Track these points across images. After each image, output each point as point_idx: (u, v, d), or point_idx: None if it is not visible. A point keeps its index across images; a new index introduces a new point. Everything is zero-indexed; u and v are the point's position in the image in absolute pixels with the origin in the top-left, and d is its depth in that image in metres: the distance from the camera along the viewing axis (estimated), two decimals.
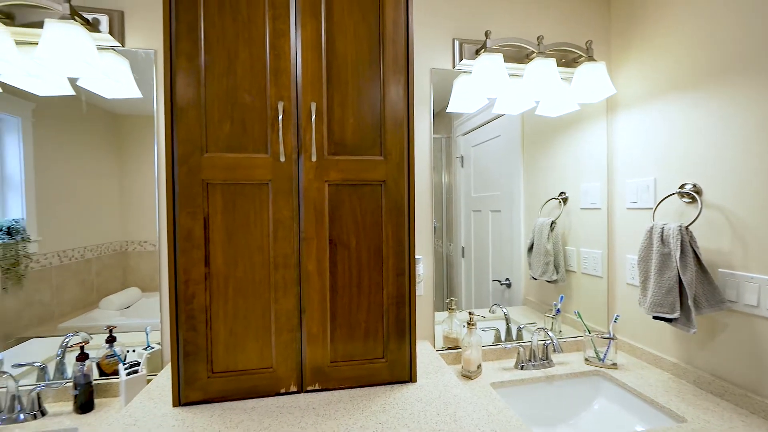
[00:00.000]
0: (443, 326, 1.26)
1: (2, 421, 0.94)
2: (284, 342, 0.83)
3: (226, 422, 0.74)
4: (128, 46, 1.09)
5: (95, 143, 1.10)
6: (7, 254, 1.05)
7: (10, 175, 1.06)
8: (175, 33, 0.79)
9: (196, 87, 0.79)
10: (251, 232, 0.81)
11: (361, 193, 0.86)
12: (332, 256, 0.85)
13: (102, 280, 1.12)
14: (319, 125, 0.84)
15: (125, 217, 1.12)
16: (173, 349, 0.79)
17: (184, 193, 0.78)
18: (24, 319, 1.07)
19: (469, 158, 1.31)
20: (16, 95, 1.05)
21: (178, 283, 0.78)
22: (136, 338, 1.12)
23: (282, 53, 0.82)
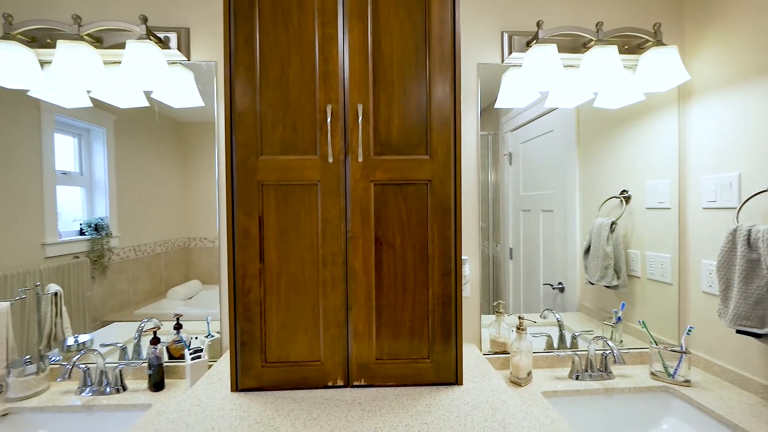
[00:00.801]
0: (490, 330, 1.22)
1: (93, 392, 1.08)
2: (332, 337, 0.86)
3: (279, 410, 0.78)
4: (193, 60, 1.19)
5: (163, 149, 1.22)
6: (94, 248, 1.21)
7: (97, 179, 1.21)
8: (234, 45, 0.85)
9: (252, 94, 0.85)
10: (302, 231, 0.85)
11: (406, 192, 0.86)
12: (378, 255, 0.86)
13: (169, 273, 1.23)
14: (365, 126, 0.85)
15: (188, 215, 1.23)
16: (231, 338, 0.85)
17: (241, 193, 0.84)
18: (107, 305, 1.22)
19: (518, 155, 1.25)
20: (103, 109, 1.20)
21: (236, 278, 0.84)
22: (198, 327, 1.22)
23: (330, 57, 0.85)
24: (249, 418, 0.76)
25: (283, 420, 0.75)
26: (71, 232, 1.21)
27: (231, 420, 0.75)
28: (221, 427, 0.73)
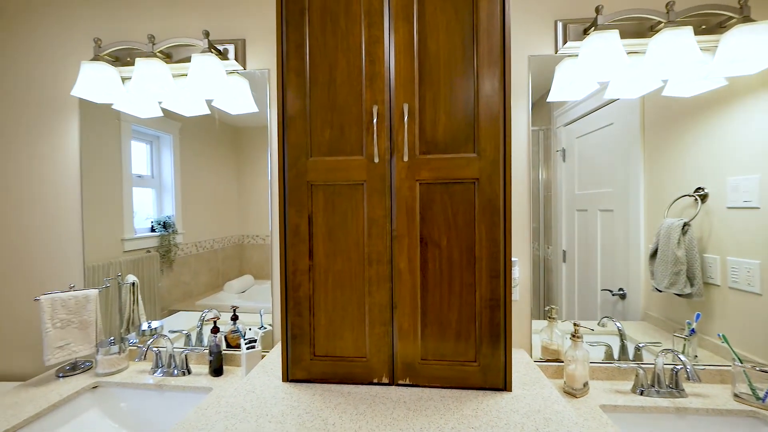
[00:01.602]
0: (541, 336, 1.16)
1: (163, 373, 1.19)
2: (377, 334, 0.87)
3: (326, 402, 0.81)
4: (248, 69, 1.27)
5: (221, 153, 1.32)
6: (163, 243, 1.34)
7: (165, 181, 1.34)
8: (286, 52, 0.89)
9: (302, 98, 0.89)
10: (348, 229, 0.87)
11: (452, 191, 0.84)
12: (423, 255, 0.85)
13: (225, 268, 1.33)
14: (411, 125, 0.85)
15: (242, 214, 1.32)
16: (283, 331, 0.89)
17: (292, 193, 0.88)
18: (173, 295, 1.34)
19: (572, 151, 1.17)
20: (170, 117, 1.32)
21: (287, 273, 0.89)
22: (251, 318, 1.30)
23: (376, 58, 0.86)
24: (299, 407, 0.79)
25: (331, 412, 0.77)
26: (144, 229, 1.35)
27: (282, 408, 0.79)
28: (274, 414, 0.77)
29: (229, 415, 0.77)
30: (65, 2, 1.34)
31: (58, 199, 1.37)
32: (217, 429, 0.73)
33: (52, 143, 1.36)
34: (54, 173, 1.36)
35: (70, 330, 1.19)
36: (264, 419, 0.75)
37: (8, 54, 1.37)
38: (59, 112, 1.35)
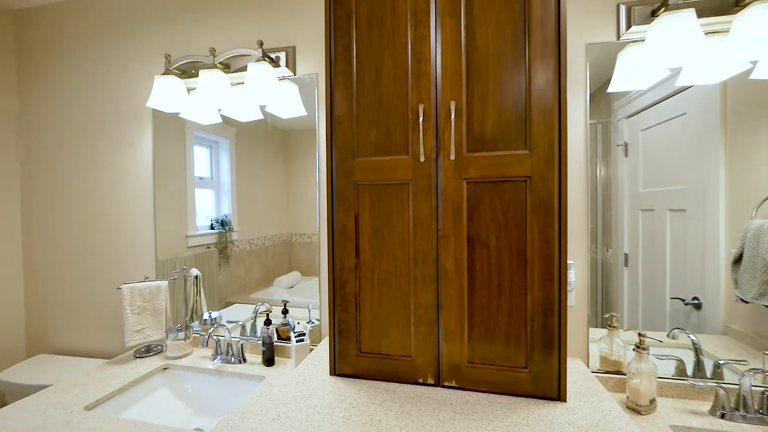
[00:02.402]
0: (599, 345, 1.08)
1: (222, 360, 1.29)
2: (422, 334, 0.86)
3: (372, 398, 0.82)
4: (298, 74, 1.33)
5: (271, 155, 1.39)
6: (220, 240, 1.44)
7: (223, 182, 1.44)
8: (334, 56, 0.92)
9: (349, 100, 0.91)
10: (394, 229, 0.88)
11: (502, 190, 0.81)
12: (470, 255, 0.83)
13: (275, 264, 1.40)
14: (458, 123, 0.83)
15: (290, 213, 1.38)
16: (330, 326, 0.92)
17: (339, 193, 0.91)
18: (230, 288, 1.44)
19: (636, 145, 1.07)
20: (228, 123, 1.43)
21: (334, 270, 0.91)
22: (299, 313, 1.36)
23: (422, 57, 0.85)
24: (345, 401, 0.82)
25: (377, 409, 0.78)
26: (204, 227, 1.47)
27: (330, 400, 0.82)
28: (322, 406, 0.80)
29: (281, 403, 0.82)
30: (141, 23, 1.51)
31: (135, 200, 1.53)
32: (270, 415, 0.77)
33: (130, 150, 1.53)
34: (131, 177, 1.53)
35: (145, 316, 1.33)
36: (313, 410, 0.78)
37: (94, 71, 1.57)
38: (136, 122, 1.52)
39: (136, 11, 1.51)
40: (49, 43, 1.63)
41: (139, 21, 1.51)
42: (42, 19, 1.64)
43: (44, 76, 1.64)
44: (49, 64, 1.63)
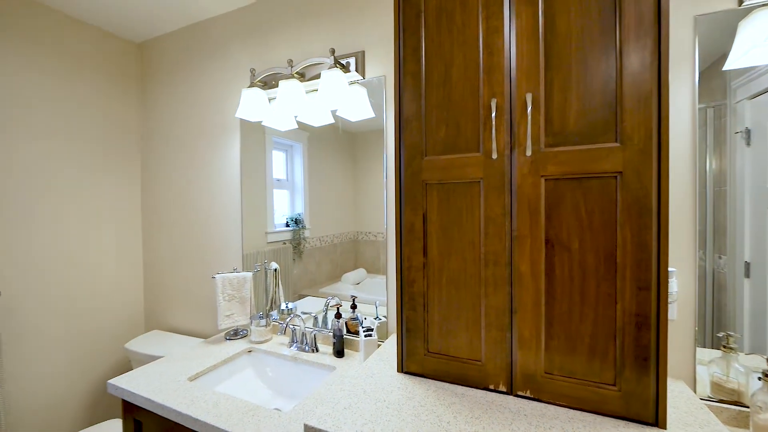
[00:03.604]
0: (711, 368, 0.92)
1: (297, 348, 1.40)
2: (493, 339, 0.83)
3: (440, 399, 0.82)
4: (367, 77, 1.37)
5: (339, 157, 1.45)
6: (294, 237, 1.55)
7: (297, 183, 1.55)
8: (402, 56, 0.93)
9: (418, 100, 0.91)
10: (463, 228, 0.86)
11: (587, 187, 0.74)
12: (549, 258, 0.77)
13: (342, 261, 1.46)
14: (535, 116, 0.78)
15: (357, 212, 1.43)
16: (398, 324, 0.94)
17: (408, 192, 0.92)
18: (302, 282, 1.55)
19: (762, 131, 0.89)
20: (302, 128, 1.53)
21: (402, 269, 0.93)
22: (366, 308, 1.40)
23: (495, 50, 0.82)
24: (413, 399, 0.82)
25: (445, 410, 0.77)
26: (281, 225, 1.59)
27: (398, 397, 0.83)
28: (391, 401, 0.81)
29: (352, 394, 0.85)
30: (230, 45, 1.70)
31: (226, 200, 1.74)
32: (342, 404, 0.81)
33: (221, 155, 1.74)
34: (223, 179, 1.74)
35: (234, 303, 1.50)
36: (382, 404, 0.81)
37: (194, 88, 1.81)
38: (227, 131, 1.72)
39: (226, 35, 1.71)
40: (161, 67, 1.93)
41: (230, 43, 1.70)
42: (156, 48, 1.94)
43: (158, 95, 1.94)
44: (161, 85, 1.93)
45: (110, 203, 1.89)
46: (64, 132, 1.69)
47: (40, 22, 1.61)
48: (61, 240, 1.69)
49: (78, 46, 1.74)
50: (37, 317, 1.61)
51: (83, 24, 1.76)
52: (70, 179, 1.72)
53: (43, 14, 1.62)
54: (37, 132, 1.60)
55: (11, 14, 1.52)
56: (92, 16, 1.72)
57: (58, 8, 1.65)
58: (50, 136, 1.65)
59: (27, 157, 1.57)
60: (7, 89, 1.51)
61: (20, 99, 1.55)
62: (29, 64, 1.57)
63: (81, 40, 1.76)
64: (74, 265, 1.73)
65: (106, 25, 1.80)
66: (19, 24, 1.54)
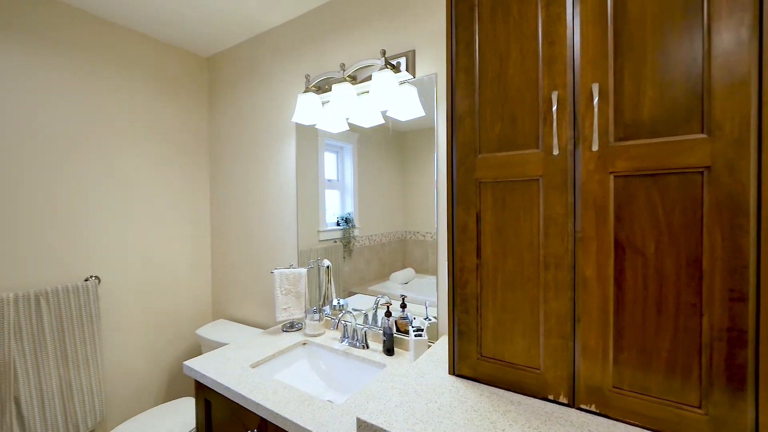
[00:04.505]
0: None
1: (348, 343, 1.44)
2: (553, 346, 0.78)
3: (494, 405, 0.79)
4: (417, 76, 1.37)
5: (388, 157, 1.46)
6: (344, 235, 1.60)
7: (347, 184, 1.59)
8: (455, 52, 0.91)
9: (471, 96, 0.88)
10: (520, 229, 0.82)
11: (664, 184, 0.67)
12: (618, 262, 0.71)
13: (390, 260, 1.47)
14: (602, 108, 0.72)
15: (405, 212, 1.43)
16: (450, 326, 0.92)
17: (460, 191, 0.90)
18: (352, 279, 1.59)
19: None
20: (353, 130, 1.57)
21: (454, 270, 0.91)
22: (414, 308, 1.40)
23: (556, 39, 0.77)
24: (466, 403, 0.80)
25: (500, 417, 0.75)
26: (332, 224, 1.65)
27: (450, 399, 0.82)
28: (442, 403, 0.81)
29: (403, 392, 0.86)
30: (286, 51, 1.80)
31: (283, 199, 1.84)
32: (393, 402, 0.82)
33: (279, 158, 1.85)
34: (280, 180, 1.85)
35: (290, 297, 1.59)
36: (434, 405, 0.80)
37: (255, 96, 1.95)
38: (284, 135, 1.82)
39: (283, 44, 1.81)
40: (226, 78, 2.10)
41: (286, 51, 1.80)
42: (222, 61, 2.12)
43: (223, 104, 2.12)
44: (226, 95, 2.10)
45: (184, 205, 2.10)
46: (146, 142, 1.92)
47: (131, 47, 1.84)
48: (145, 237, 1.92)
49: (162, 65, 1.97)
50: (128, 302, 1.85)
51: (166, 45, 1.99)
52: (151, 183, 1.94)
53: (136, 41, 1.85)
54: (128, 144, 1.84)
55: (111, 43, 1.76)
56: (173, 37, 1.92)
57: (150, 35, 1.88)
58: (137, 146, 1.88)
59: (122, 164, 1.81)
60: (107, 107, 1.75)
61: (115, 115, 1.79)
62: (123, 83, 1.81)
63: (163, 59, 1.98)
64: (155, 259, 1.96)
65: (184, 44, 2.01)
66: (116, 49, 1.78)
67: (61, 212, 1.61)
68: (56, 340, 1.55)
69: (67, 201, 1.63)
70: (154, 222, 1.95)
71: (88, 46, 1.69)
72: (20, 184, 1.50)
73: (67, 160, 1.63)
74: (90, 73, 1.70)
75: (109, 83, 1.76)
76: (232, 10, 1.69)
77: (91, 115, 1.70)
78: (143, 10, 1.67)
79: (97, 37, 1.72)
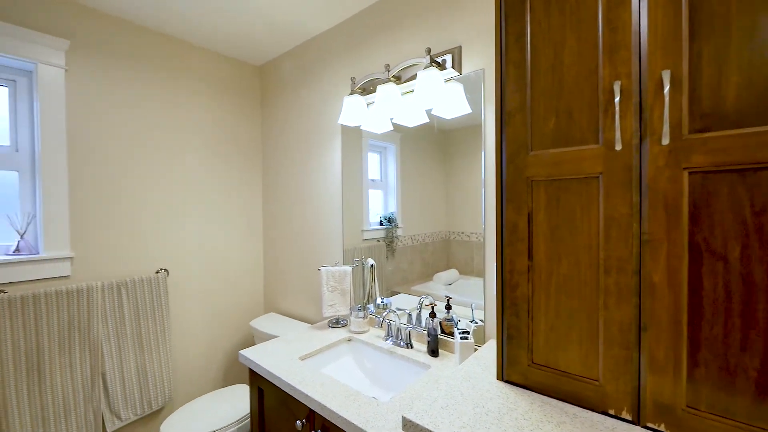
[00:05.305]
0: None
1: (393, 342, 1.45)
2: (615, 357, 0.72)
3: (547, 416, 0.75)
4: (464, 72, 1.34)
5: (431, 156, 1.45)
6: (387, 235, 1.61)
7: (390, 183, 1.60)
8: (505, 46, 0.87)
9: (522, 91, 0.85)
10: (577, 229, 0.77)
11: (754, 181, 0.59)
12: (694, 267, 0.64)
13: (434, 260, 1.46)
14: (675, 97, 0.65)
15: (449, 212, 1.40)
16: (498, 329, 0.89)
17: (510, 190, 0.86)
18: (395, 279, 1.59)
19: None
20: (396, 130, 1.57)
21: (504, 272, 0.88)
22: (459, 310, 1.37)
23: (619, 24, 0.71)
24: (516, 411, 0.77)
25: (554, 429, 0.71)
26: (375, 223, 1.67)
27: (499, 405, 0.79)
28: (490, 409, 0.78)
29: (448, 395, 0.84)
30: (333, 56, 1.85)
31: (330, 199, 1.90)
32: (439, 404, 0.81)
33: (325, 159, 1.91)
34: (326, 181, 1.91)
35: (336, 294, 1.64)
36: (481, 410, 0.78)
37: (304, 100, 2.03)
38: (331, 137, 1.88)
39: (330, 49, 1.87)
40: (277, 84, 2.22)
41: (332, 56, 1.85)
42: (273, 68, 2.24)
43: (275, 108, 2.24)
44: (277, 99, 2.22)
45: (240, 205, 2.26)
46: (206, 147, 2.09)
47: (194, 60, 2.01)
48: (206, 234, 2.09)
49: (220, 75, 2.13)
50: (191, 293, 2.02)
51: (224, 56, 2.15)
52: (211, 185, 2.11)
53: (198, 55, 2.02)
54: (191, 148, 2.02)
55: (174, 56, 1.94)
56: (230, 49, 2.08)
57: (210, 48, 2.05)
58: (198, 151, 2.05)
59: (185, 168, 1.99)
60: (173, 115, 1.94)
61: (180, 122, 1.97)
62: (186, 93, 1.99)
63: (222, 69, 2.14)
64: (214, 254, 2.13)
65: (240, 55, 2.16)
66: (180, 63, 1.96)
67: (135, 211, 1.81)
68: (133, 325, 1.74)
69: (140, 201, 1.83)
70: (213, 221, 2.12)
71: (157, 62, 1.88)
72: (103, 186, 1.71)
73: (140, 164, 1.83)
74: (158, 86, 1.89)
75: (173, 93, 1.95)
76: (283, 19, 1.78)
77: (160, 123, 1.89)
78: (206, 26, 1.83)
79: (163, 52, 1.91)
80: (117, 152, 1.74)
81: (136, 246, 1.81)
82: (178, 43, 1.95)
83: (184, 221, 1.99)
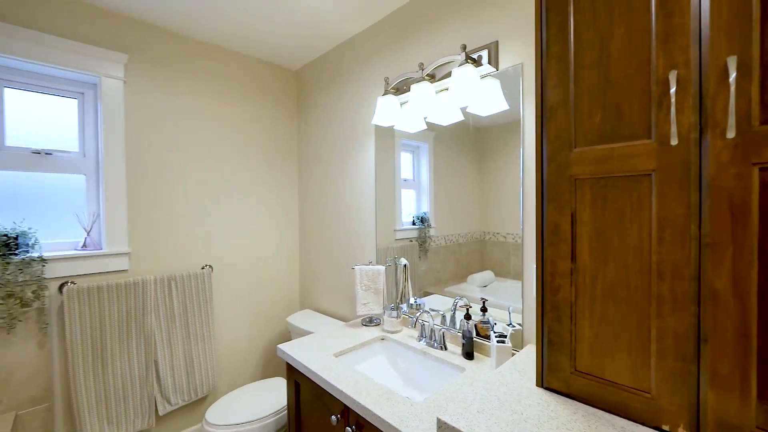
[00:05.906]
0: None
1: (426, 343, 1.44)
2: (669, 369, 0.67)
3: (592, 427, 0.71)
4: (501, 68, 1.30)
5: (465, 155, 1.42)
6: (420, 235, 1.60)
7: (423, 183, 1.59)
8: (546, 39, 0.84)
9: (564, 85, 0.81)
10: (626, 231, 0.72)
11: None
12: (765, 274, 0.57)
13: (468, 261, 1.42)
14: (742, 86, 0.59)
15: (483, 211, 1.36)
16: (538, 334, 0.86)
17: (551, 189, 0.83)
18: (428, 279, 1.58)
19: None
20: (430, 129, 1.56)
21: (544, 274, 0.84)
22: (495, 313, 1.33)
23: (676, 8, 0.66)
24: (557, 419, 0.74)
25: None
26: (408, 223, 1.67)
27: (538, 413, 0.76)
28: (529, 416, 0.75)
29: (484, 399, 0.83)
30: (366, 57, 1.87)
31: (364, 199, 1.93)
32: (475, 407, 0.79)
33: (359, 159, 1.94)
34: (360, 180, 1.94)
35: (369, 293, 1.66)
36: (519, 417, 0.75)
37: (338, 101, 2.07)
38: (364, 136, 1.90)
39: (363, 51, 1.89)
40: (312, 87, 2.28)
41: (366, 57, 1.87)
42: (308, 72, 2.31)
43: (310, 110, 2.31)
44: (312, 102, 2.28)
45: (278, 205, 2.35)
46: (246, 149, 2.20)
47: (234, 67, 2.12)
48: (247, 233, 2.19)
49: (259, 80, 2.23)
50: (233, 289, 2.14)
51: (263, 62, 2.24)
52: (251, 186, 2.21)
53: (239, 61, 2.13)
54: (233, 151, 2.13)
55: (217, 65, 2.06)
56: (268, 55, 2.17)
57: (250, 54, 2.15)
58: (240, 153, 2.16)
59: (228, 170, 2.10)
60: (210, 119, 2.05)
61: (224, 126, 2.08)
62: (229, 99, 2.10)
63: (260, 75, 2.24)
64: (254, 252, 2.23)
65: (277, 60, 2.25)
66: (224, 71, 2.08)
67: (184, 211, 1.94)
68: (182, 317, 1.87)
69: (188, 202, 1.96)
70: (253, 221, 2.22)
71: (202, 71, 2.00)
72: (156, 189, 1.85)
73: (189, 168, 1.95)
74: (205, 95, 2.01)
75: (218, 101, 2.06)
76: (318, 22, 1.82)
77: (207, 129, 2.02)
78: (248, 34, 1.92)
79: (209, 62, 2.03)
80: (168, 157, 1.88)
81: (184, 243, 1.94)
82: (222, 52, 2.07)
83: (227, 221, 2.10)
